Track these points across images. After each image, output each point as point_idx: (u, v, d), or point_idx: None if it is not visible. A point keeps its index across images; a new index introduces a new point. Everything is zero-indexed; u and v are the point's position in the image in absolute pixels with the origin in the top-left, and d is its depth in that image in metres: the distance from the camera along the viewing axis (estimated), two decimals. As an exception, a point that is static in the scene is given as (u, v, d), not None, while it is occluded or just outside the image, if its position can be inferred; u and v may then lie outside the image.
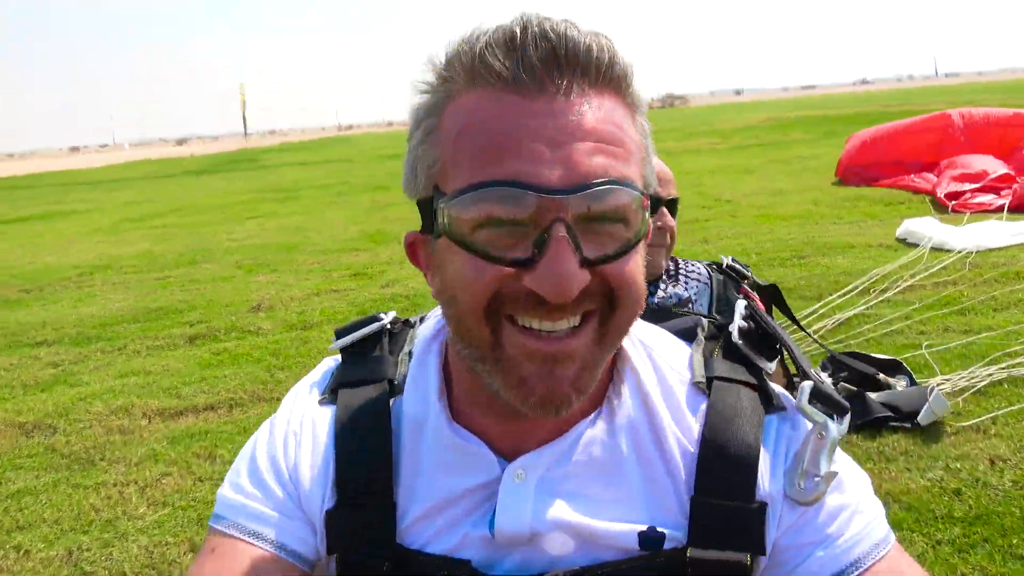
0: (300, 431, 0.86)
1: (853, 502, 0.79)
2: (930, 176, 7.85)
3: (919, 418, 2.72)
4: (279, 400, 0.93)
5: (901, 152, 8.64)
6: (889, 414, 2.80)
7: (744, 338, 0.85)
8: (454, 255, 0.69)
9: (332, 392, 0.87)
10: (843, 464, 0.80)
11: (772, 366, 0.86)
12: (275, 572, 0.81)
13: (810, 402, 0.80)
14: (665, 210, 1.73)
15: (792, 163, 12.04)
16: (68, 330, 5.17)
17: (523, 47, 0.66)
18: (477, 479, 0.79)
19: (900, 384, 3.00)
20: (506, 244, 0.66)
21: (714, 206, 8.20)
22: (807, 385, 0.81)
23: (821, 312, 4.04)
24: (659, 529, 0.77)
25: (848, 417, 0.81)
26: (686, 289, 1.79)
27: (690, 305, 1.76)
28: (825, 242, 5.76)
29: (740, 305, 0.88)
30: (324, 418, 0.86)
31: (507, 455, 0.79)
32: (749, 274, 1.80)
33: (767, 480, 0.78)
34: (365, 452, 0.82)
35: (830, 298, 4.23)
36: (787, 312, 1.77)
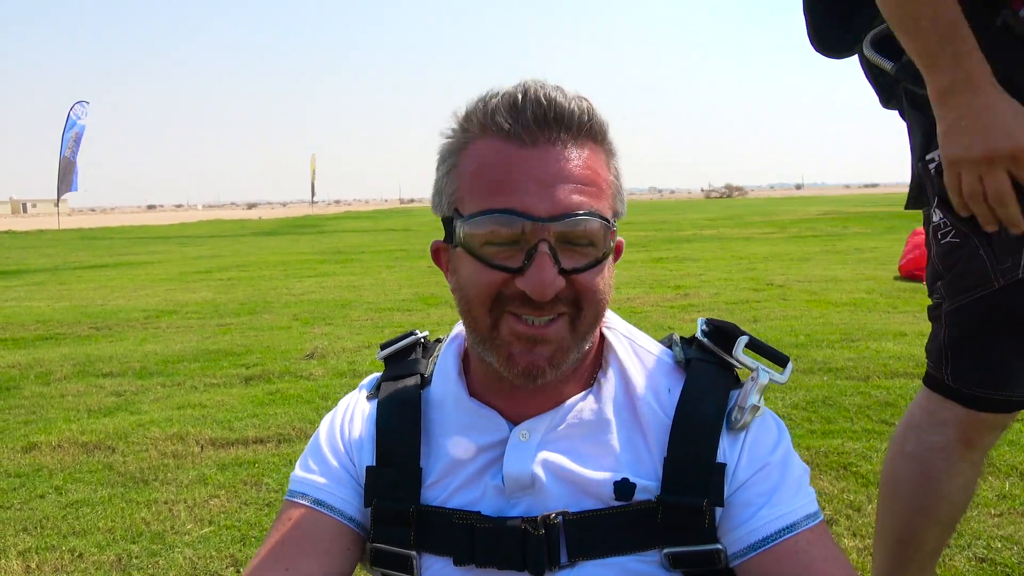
0: (353, 415, 1.05)
1: (794, 480, 0.95)
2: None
3: None
4: None
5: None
6: None
7: (707, 336, 1.05)
8: (467, 261, 0.88)
9: (376, 388, 1.07)
10: (794, 457, 0.97)
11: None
12: (334, 532, 0.97)
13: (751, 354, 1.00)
14: None
15: (848, 254, 11.95)
16: (132, 364, 5.44)
17: (522, 110, 0.85)
18: (490, 438, 0.96)
19: None
20: (505, 256, 0.86)
21: (765, 289, 8.20)
22: (742, 339, 1.00)
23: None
24: (631, 480, 0.93)
25: (790, 366, 1.00)
26: None
27: None
28: (877, 328, 5.70)
29: (700, 320, 1.08)
30: (371, 405, 1.05)
31: (514, 423, 0.97)
32: None
33: (727, 446, 0.95)
34: (399, 426, 1.00)
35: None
36: None
